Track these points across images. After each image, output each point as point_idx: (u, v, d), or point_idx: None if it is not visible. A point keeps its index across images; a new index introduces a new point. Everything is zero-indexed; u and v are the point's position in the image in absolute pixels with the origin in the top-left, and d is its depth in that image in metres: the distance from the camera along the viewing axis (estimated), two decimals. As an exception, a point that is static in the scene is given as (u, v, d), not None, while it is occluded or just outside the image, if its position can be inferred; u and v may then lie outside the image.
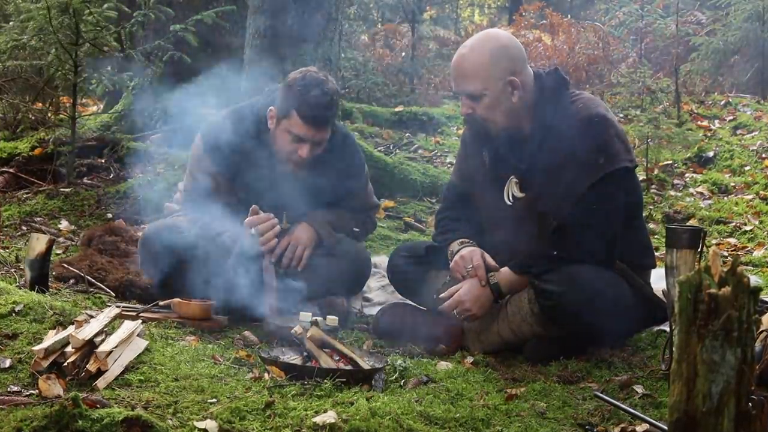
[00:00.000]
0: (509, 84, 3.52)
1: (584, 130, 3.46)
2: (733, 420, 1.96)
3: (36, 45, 5.99)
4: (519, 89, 3.52)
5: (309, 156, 3.88)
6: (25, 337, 3.04)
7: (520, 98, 3.53)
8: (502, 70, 3.51)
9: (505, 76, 3.51)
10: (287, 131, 3.87)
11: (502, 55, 3.53)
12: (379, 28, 13.50)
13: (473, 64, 3.53)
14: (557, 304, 3.39)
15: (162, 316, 3.68)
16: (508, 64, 3.52)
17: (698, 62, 9.92)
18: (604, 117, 3.50)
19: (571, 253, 3.42)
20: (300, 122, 3.83)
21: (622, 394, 3.06)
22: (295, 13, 5.38)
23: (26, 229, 5.09)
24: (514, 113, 3.55)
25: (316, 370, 3.02)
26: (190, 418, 2.56)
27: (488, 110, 3.54)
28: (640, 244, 3.67)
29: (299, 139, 3.86)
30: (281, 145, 3.92)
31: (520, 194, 3.61)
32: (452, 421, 2.70)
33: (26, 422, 2.37)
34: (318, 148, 3.92)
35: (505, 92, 3.52)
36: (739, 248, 5.32)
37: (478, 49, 3.54)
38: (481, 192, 3.76)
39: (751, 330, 1.98)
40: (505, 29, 12.75)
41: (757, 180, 6.56)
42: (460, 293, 3.57)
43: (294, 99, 3.83)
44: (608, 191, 3.46)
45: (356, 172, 4.16)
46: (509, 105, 3.54)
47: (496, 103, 3.53)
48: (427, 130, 8.72)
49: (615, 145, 3.47)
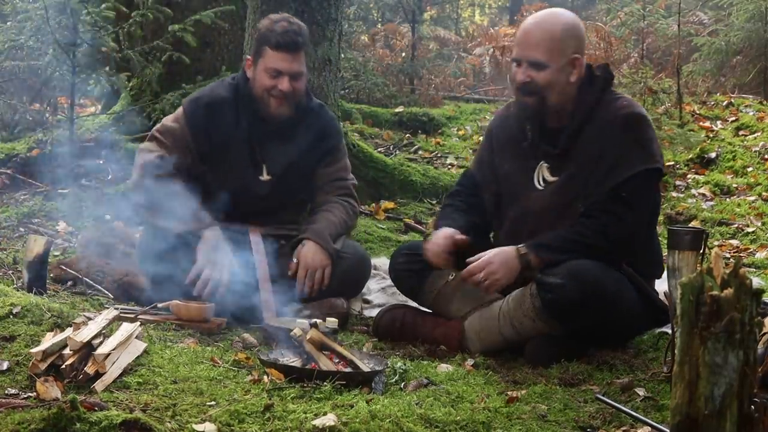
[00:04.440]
0: (572, 62, 3.59)
1: (627, 126, 3.54)
2: (735, 423, 1.95)
3: (34, 45, 5.98)
4: (579, 69, 3.59)
5: (288, 89, 3.99)
6: (22, 340, 3.03)
7: (575, 80, 3.60)
8: (570, 47, 3.59)
9: (571, 54, 3.58)
10: (264, 70, 4.01)
11: (572, 31, 3.61)
12: (379, 29, 13.48)
13: (546, 33, 3.57)
14: (559, 297, 3.38)
15: (160, 319, 3.67)
16: (575, 43, 3.60)
17: (700, 63, 9.91)
18: (645, 117, 3.62)
19: (593, 239, 3.46)
20: (273, 53, 3.99)
21: (623, 396, 3.04)
22: (295, 13, 5.36)
23: (24, 231, 5.07)
24: (565, 93, 3.61)
25: (316, 372, 3.01)
26: (189, 421, 2.55)
27: (548, 82, 3.58)
28: (651, 253, 3.68)
29: (277, 72, 3.99)
30: (261, 85, 4.02)
31: (552, 178, 3.64)
32: (453, 424, 2.69)
33: (24, 425, 2.36)
34: (296, 83, 4.03)
35: (566, 69, 3.59)
36: (742, 250, 5.32)
37: (551, 21, 3.61)
38: (511, 174, 3.76)
39: (754, 332, 1.97)
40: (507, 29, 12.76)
41: (759, 181, 6.55)
42: (490, 255, 3.54)
43: (264, 36, 4.03)
44: (641, 187, 3.52)
45: (333, 132, 4.29)
46: (566, 82, 3.60)
47: (556, 76, 3.58)
48: (427, 131, 8.72)
49: (654, 146, 3.57)
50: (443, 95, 10.83)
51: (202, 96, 4.16)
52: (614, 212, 3.48)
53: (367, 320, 4.09)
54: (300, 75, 4.04)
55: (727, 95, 9.24)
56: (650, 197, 3.59)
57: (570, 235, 3.50)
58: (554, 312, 3.43)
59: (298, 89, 4.05)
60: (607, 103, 3.61)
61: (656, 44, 10.85)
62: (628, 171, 3.49)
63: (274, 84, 4.00)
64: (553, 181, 3.64)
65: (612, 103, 3.61)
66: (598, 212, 3.50)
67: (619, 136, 3.53)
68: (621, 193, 3.48)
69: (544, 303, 3.44)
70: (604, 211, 3.50)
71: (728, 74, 10.13)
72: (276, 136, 4.11)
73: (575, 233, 3.50)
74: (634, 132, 3.55)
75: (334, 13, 5.53)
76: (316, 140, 4.19)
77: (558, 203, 3.61)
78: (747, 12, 9.55)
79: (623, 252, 3.50)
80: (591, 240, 3.47)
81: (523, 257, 3.52)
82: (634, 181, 3.50)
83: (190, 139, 4.05)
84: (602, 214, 3.50)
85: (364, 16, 13.96)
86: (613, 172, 3.51)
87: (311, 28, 5.45)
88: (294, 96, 4.04)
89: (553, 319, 3.45)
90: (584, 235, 3.48)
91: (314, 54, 5.33)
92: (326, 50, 5.43)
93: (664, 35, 9.83)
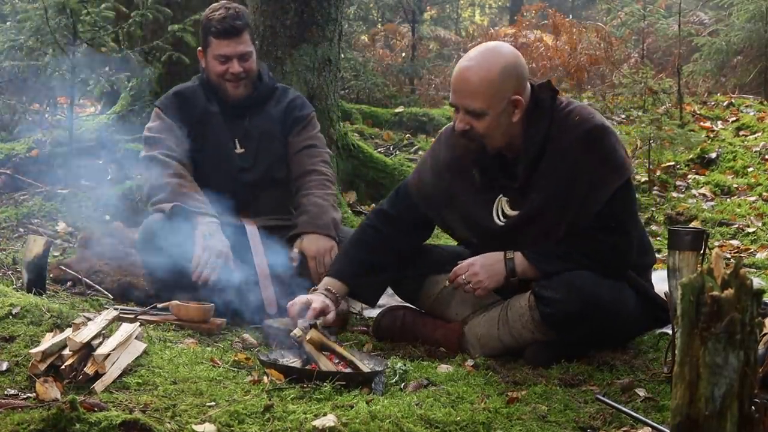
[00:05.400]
0: (512, 103, 3.40)
1: (588, 145, 3.38)
2: (736, 423, 1.95)
3: (33, 45, 5.97)
4: (521, 108, 3.42)
5: (239, 70, 4.18)
6: (22, 340, 3.03)
7: (518, 119, 3.43)
8: (508, 90, 3.38)
9: (510, 96, 3.39)
10: (213, 58, 4.20)
11: (510, 73, 3.37)
12: (379, 29, 13.49)
13: (480, 81, 3.36)
14: (557, 311, 3.36)
15: (160, 319, 3.67)
16: (514, 83, 3.38)
17: (701, 63, 9.91)
18: (603, 127, 3.43)
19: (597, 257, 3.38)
20: (217, 41, 4.18)
21: (624, 397, 3.04)
22: (295, 13, 5.37)
23: (23, 231, 5.07)
24: (509, 133, 3.45)
25: (316, 373, 3.01)
26: (189, 422, 2.55)
27: (487, 129, 3.42)
28: (639, 242, 3.62)
29: (225, 58, 4.18)
30: (214, 72, 4.21)
31: (512, 212, 3.52)
32: (453, 424, 2.68)
33: (23, 426, 2.36)
34: (246, 63, 4.21)
35: (507, 111, 3.41)
36: (742, 250, 5.31)
37: (486, 66, 3.37)
38: (466, 212, 3.63)
39: (754, 333, 1.97)
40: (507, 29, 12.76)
41: (760, 181, 6.55)
42: (474, 258, 3.51)
43: (206, 26, 4.21)
44: (624, 200, 3.43)
45: (302, 104, 4.43)
46: (509, 123, 3.43)
47: (497, 122, 3.41)
48: (427, 131, 8.71)
49: (620, 155, 3.42)
50: (443, 95, 10.83)
51: (169, 91, 4.38)
52: (611, 232, 3.39)
53: (368, 321, 4.09)
54: (247, 55, 4.22)
55: (728, 95, 9.24)
56: (633, 206, 3.53)
57: (564, 247, 3.42)
58: (553, 325, 3.41)
59: (249, 68, 4.23)
60: (560, 121, 3.43)
61: (656, 44, 10.86)
62: (606, 194, 3.37)
63: (225, 69, 4.18)
64: (514, 215, 3.51)
65: (565, 120, 3.42)
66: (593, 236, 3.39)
67: (583, 158, 3.37)
68: (608, 215, 3.37)
69: (542, 316, 3.41)
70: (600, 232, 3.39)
71: (729, 74, 10.14)
72: (246, 114, 4.29)
73: (570, 245, 3.41)
74: (597, 148, 3.38)
75: (334, 13, 5.53)
76: (286, 112, 4.35)
77: (522, 235, 3.48)
78: (747, 12, 9.55)
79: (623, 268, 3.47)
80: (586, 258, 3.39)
81: (509, 261, 3.47)
82: (615, 201, 3.38)
83: (175, 126, 4.20)
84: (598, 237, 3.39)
85: (364, 16, 13.96)
86: (591, 199, 3.37)
87: (311, 29, 5.46)
88: (248, 75, 4.23)
89: (552, 330, 3.44)
90: (580, 252, 3.39)
91: (314, 54, 5.33)
92: (326, 50, 5.44)
93: (664, 35, 9.84)
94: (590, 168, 3.38)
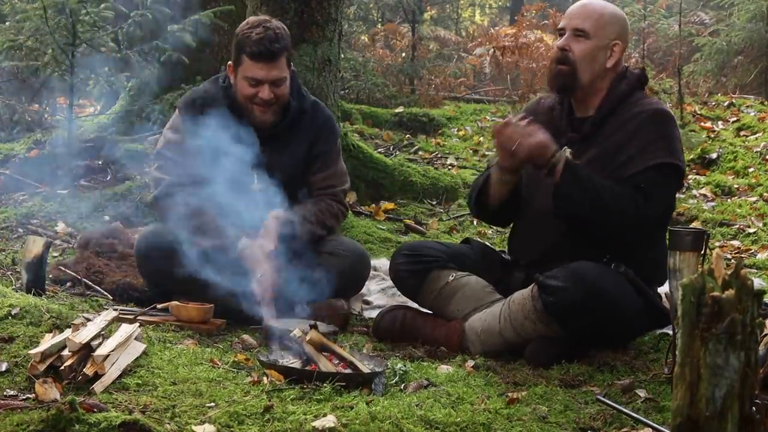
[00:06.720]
0: (612, 46, 3.67)
1: (653, 120, 3.59)
2: (736, 424, 1.94)
3: (32, 45, 5.98)
4: (615, 57, 3.67)
5: (270, 97, 3.91)
6: (21, 341, 3.02)
7: (610, 67, 3.67)
8: (613, 32, 3.68)
9: (613, 37, 3.67)
10: (244, 78, 3.92)
11: (619, 21, 3.74)
12: (379, 29, 13.47)
13: (595, 9, 3.69)
14: (560, 299, 3.38)
15: (160, 320, 3.66)
16: (619, 30, 3.71)
17: (701, 63, 9.92)
18: (672, 117, 3.70)
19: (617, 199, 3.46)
20: (250, 62, 3.89)
21: (624, 398, 3.04)
22: (295, 13, 5.36)
23: (23, 232, 5.06)
24: (597, 75, 3.68)
25: (316, 373, 3.00)
26: (188, 423, 2.54)
27: (583, 54, 3.65)
28: (656, 258, 3.63)
29: (256, 81, 3.91)
30: (242, 94, 3.95)
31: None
32: (453, 425, 2.68)
33: (23, 426, 2.36)
34: (278, 89, 3.93)
35: (605, 50, 3.67)
36: (743, 251, 5.31)
37: (603, 3, 3.74)
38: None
39: (755, 333, 1.96)
40: (507, 29, 12.75)
41: (761, 182, 6.55)
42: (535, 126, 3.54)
43: (240, 43, 3.92)
44: (659, 180, 3.53)
45: (327, 135, 4.15)
46: (600, 64, 3.67)
47: (594, 53, 3.65)
48: (427, 131, 8.73)
49: (677, 144, 3.61)
50: (443, 95, 10.83)
51: (196, 98, 4.07)
52: (633, 197, 3.48)
53: (368, 321, 4.08)
54: (280, 81, 3.94)
55: (728, 95, 9.24)
56: (667, 192, 3.60)
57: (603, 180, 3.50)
58: (556, 314, 3.42)
59: (280, 95, 3.96)
60: (637, 99, 3.68)
61: (657, 44, 10.87)
62: (649, 162, 3.52)
63: (255, 92, 3.92)
64: None
65: (641, 99, 3.69)
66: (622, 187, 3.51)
67: (644, 128, 3.57)
68: (639, 184, 3.50)
69: (545, 305, 3.43)
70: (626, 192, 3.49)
71: (729, 74, 10.14)
72: (268, 143, 3.99)
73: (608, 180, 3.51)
74: (660, 127, 3.59)
75: (334, 13, 5.52)
76: (309, 147, 4.09)
77: None
78: (748, 12, 9.56)
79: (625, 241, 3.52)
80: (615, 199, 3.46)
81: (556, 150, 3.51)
82: (653, 172, 3.51)
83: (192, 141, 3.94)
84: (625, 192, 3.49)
85: (364, 16, 13.96)
86: (633, 161, 3.54)
87: (311, 29, 5.45)
88: (277, 102, 3.97)
89: (554, 321, 3.45)
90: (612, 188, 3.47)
91: (314, 54, 5.33)
92: (326, 50, 5.43)
93: (665, 35, 9.86)
94: (646, 139, 3.57)
